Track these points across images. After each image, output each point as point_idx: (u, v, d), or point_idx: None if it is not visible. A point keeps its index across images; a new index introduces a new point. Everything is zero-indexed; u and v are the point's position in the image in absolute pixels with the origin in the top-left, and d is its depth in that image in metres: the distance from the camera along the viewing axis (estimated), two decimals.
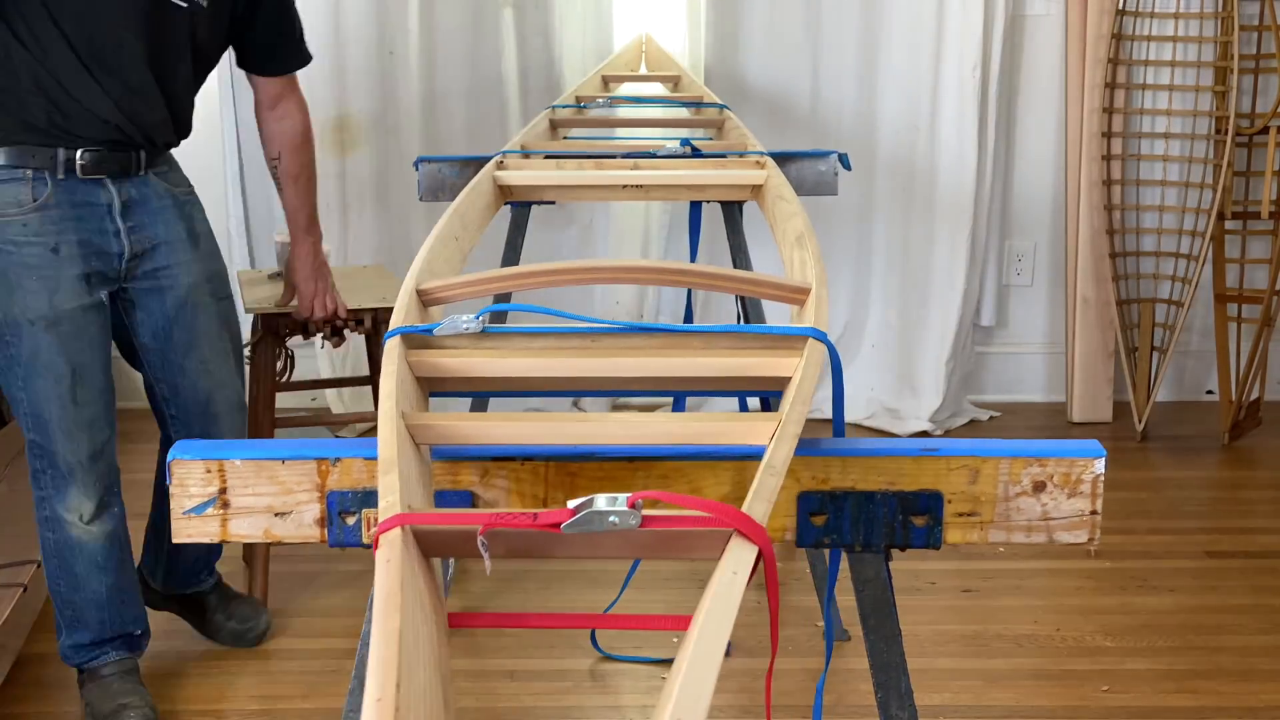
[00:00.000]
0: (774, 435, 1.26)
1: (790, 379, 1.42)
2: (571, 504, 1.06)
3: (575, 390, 2.09)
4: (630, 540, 1.07)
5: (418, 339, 1.48)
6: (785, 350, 1.47)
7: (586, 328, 1.56)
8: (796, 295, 1.69)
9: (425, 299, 1.65)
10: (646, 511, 1.05)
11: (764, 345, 1.48)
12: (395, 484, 1.12)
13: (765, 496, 1.11)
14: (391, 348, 1.44)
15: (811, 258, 1.77)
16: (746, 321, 2.83)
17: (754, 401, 3.23)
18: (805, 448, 1.35)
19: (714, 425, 1.33)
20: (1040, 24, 4.22)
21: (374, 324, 2.94)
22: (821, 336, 1.47)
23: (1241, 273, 4.18)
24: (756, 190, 2.42)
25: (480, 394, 1.93)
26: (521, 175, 2.45)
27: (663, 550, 1.09)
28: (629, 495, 1.05)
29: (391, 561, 0.99)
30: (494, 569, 1.08)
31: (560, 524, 1.05)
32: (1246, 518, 3.59)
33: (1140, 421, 4.06)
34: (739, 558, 1.01)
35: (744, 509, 1.07)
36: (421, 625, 0.93)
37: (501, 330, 1.51)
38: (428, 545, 1.07)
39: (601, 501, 1.05)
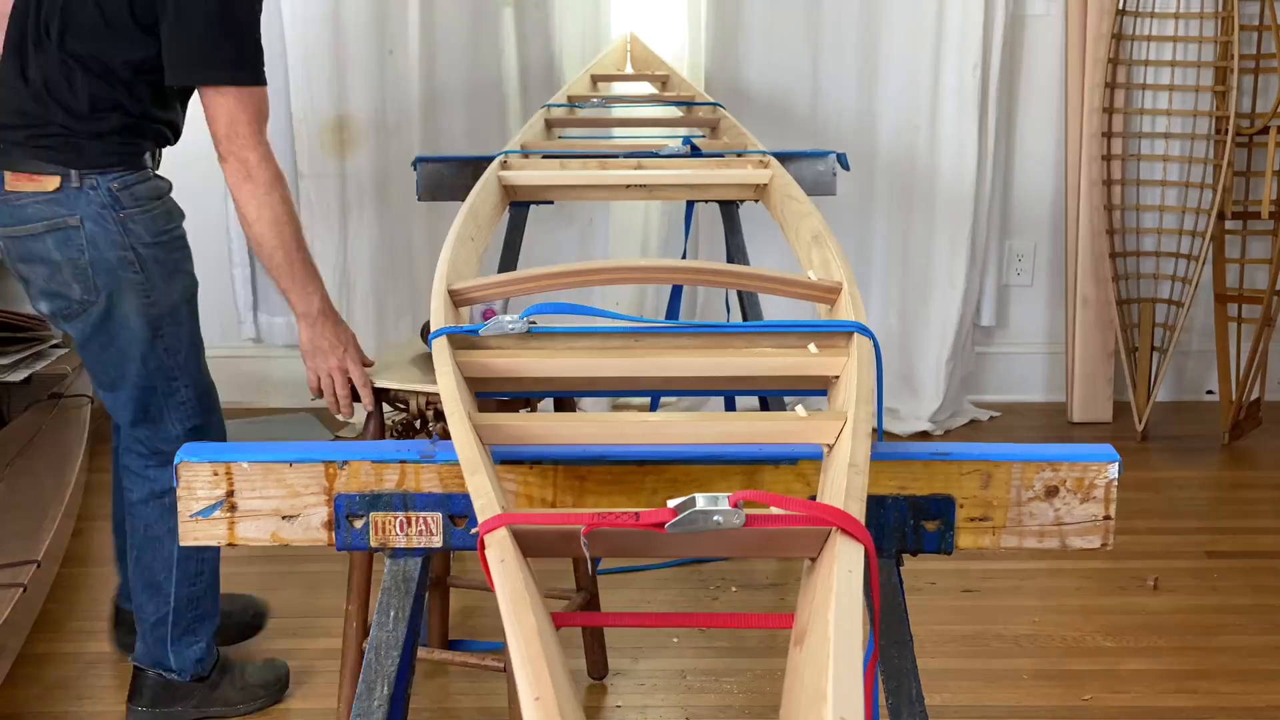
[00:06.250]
0: (839, 434, 1.26)
1: (837, 378, 1.42)
2: (671, 504, 1.07)
3: (622, 390, 2.11)
4: (731, 540, 1.08)
5: (462, 340, 1.49)
6: (829, 348, 1.47)
7: (629, 327, 1.56)
8: (828, 294, 1.69)
9: (457, 299, 1.65)
10: (748, 511, 1.06)
11: (802, 342, 1.49)
12: (487, 484, 1.13)
13: (857, 495, 1.12)
14: (439, 348, 1.44)
15: (835, 256, 1.77)
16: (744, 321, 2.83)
17: (751, 400, 3.23)
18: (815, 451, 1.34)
19: (777, 425, 1.34)
20: (1040, 24, 4.22)
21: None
22: (867, 331, 1.47)
23: (1241, 273, 4.18)
24: (760, 189, 2.42)
25: (522, 394, 1.94)
26: (527, 175, 2.45)
27: (761, 549, 1.10)
28: (729, 495, 1.06)
29: (506, 561, 1.00)
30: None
31: (664, 524, 1.05)
32: (1246, 518, 3.59)
33: (1140, 421, 4.06)
34: (850, 556, 1.02)
35: (841, 507, 1.08)
36: (545, 622, 0.94)
37: (547, 330, 1.51)
38: (527, 545, 1.07)
39: (703, 501, 1.05)
